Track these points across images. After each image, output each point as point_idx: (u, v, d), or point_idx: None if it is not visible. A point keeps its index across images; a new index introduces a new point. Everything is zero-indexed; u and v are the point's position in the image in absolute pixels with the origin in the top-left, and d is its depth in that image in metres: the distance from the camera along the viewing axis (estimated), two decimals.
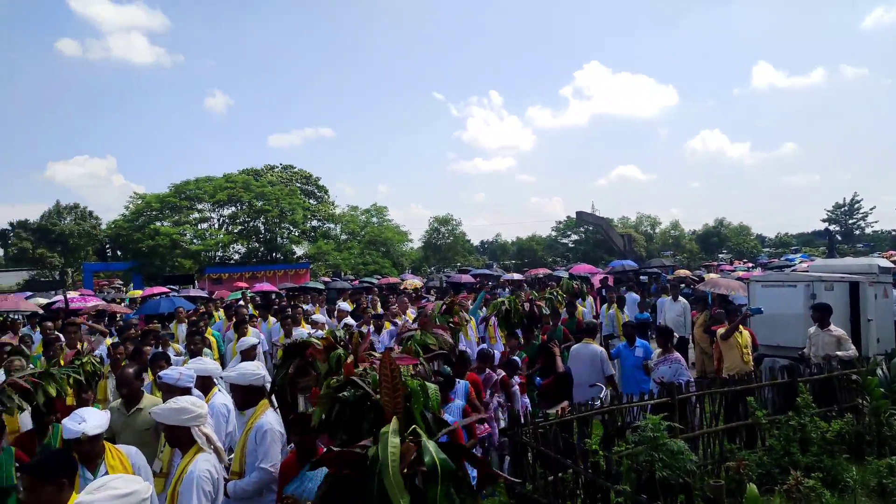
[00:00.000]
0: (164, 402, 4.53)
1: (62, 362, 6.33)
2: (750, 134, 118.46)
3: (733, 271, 27.89)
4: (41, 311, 15.56)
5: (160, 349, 7.49)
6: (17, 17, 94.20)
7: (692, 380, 7.38)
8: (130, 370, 5.01)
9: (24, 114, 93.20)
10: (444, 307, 5.32)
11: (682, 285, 17.07)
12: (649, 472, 4.08)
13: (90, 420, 3.45)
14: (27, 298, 18.71)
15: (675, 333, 9.95)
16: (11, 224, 43.40)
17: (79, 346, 7.24)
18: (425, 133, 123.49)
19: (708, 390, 6.98)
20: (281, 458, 4.08)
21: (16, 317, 13.36)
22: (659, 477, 4.23)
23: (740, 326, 8.43)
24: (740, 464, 5.95)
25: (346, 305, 14.55)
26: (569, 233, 63.50)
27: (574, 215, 59.50)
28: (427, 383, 2.52)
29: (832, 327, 8.14)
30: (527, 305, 7.85)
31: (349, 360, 3.29)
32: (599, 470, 4.53)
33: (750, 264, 39.72)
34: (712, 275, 21.66)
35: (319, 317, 10.92)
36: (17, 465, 4.22)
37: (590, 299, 12.80)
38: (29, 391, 4.80)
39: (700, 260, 54.98)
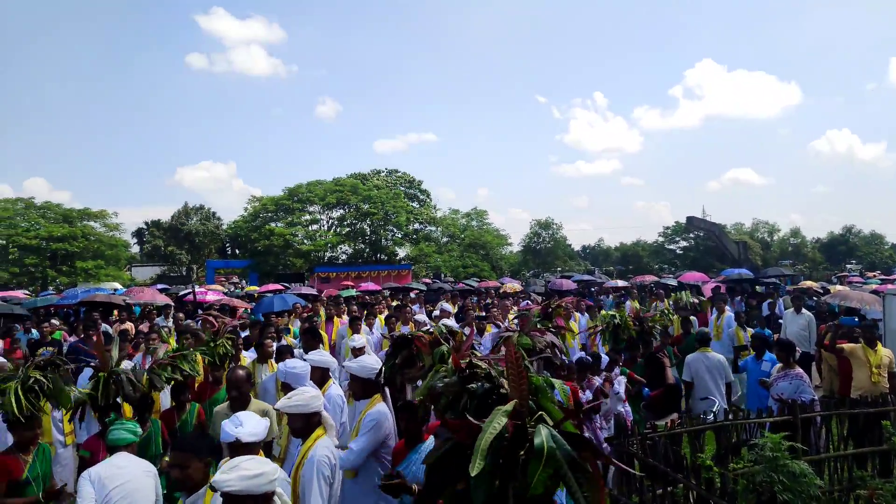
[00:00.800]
0: (284, 393, 4.87)
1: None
2: (886, 133, 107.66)
3: (864, 283, 25.45)
4: (172, 303, 17.08)
5: (280, 342, 8.00)
6: (154, 35, 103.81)
7: (816, 398, 6.87)
8: (242, 372, 5.21)
9: (157, 123, 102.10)
10: (545, 312, 5.28)
11: (806, 297, 15.82)
12: (770, 494, 3.85)
13: (247, 426, 3.48)
14: (161, 291, 20.51)
15: (797, 349, 9.27)
16: (146, 223, 47.83)
17: (216, 325, 7.87)
18: (527, 136, 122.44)
19: (836, 410, 6.47)
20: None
21: (152, 308, 14.69)
22: (780, 500, 3.98)
23: (878, 343, 7.74)
24: (873, 493, 5.45)
25: (448, 306, 14.79)
26: (677, 239, 60.62)
27: (682, 220, 57.04)
28: (552, 379, 2.56)
29: None
30: (636, 323, 7.57)
31: (455, 354, 3.41)
32: (713, 487, 4.33)
33: (882, 276, 35.84)
34: (839, 287, 19.94)
35: (422, 317, 11.18)
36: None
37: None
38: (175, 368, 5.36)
39: (823, 270, 50.67)
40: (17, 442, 4.33)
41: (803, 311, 11.51)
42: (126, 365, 5.19)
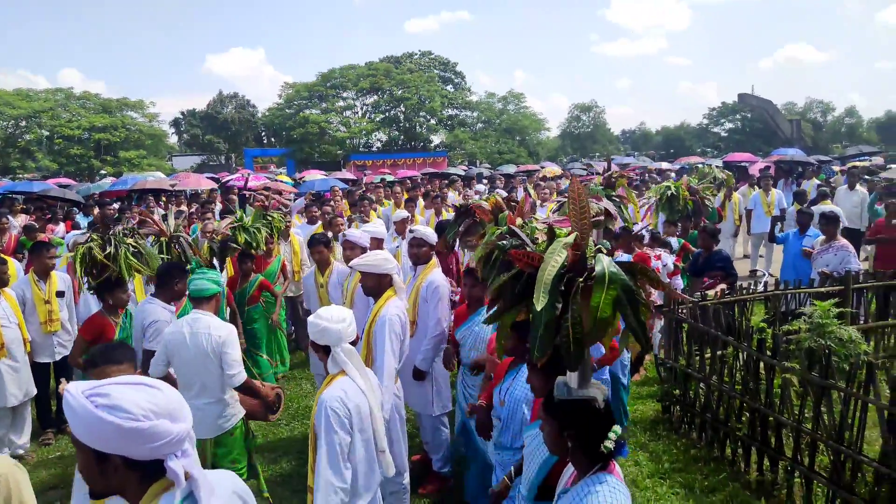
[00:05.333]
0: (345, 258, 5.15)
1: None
2: None
3: None
4: (216, 188, 17.53)
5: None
6: None
7: (861, 269, 6.81)
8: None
9: (184, 10, 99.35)
10: (607, 181, 5.23)
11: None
12: (826, 352, 3.96)
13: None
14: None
15: (843, 223, 8.99)
16: (182, 113, 47.76)
17: (268, 203, 8.19)
18: (566, 12, 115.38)
19: (888, 281, 6.45)
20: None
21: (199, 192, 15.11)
22: (834, 360, 4.08)
23: None
24: None
25: (482, 187, 14.93)
26: (722, 121, 57.98)
27: (730, 101, 54.23)
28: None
29: None
30: (692, 194, 7.48)
31: (510, 215, 3.49)
32: (764, 347, 4.46)
33: None
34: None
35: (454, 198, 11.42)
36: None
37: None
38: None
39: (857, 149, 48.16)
40: (109, 305, 4.60)
41: (857, 187, 11.18)
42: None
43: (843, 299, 6.06)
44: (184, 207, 12.37)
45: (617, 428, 2.05)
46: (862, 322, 6.31)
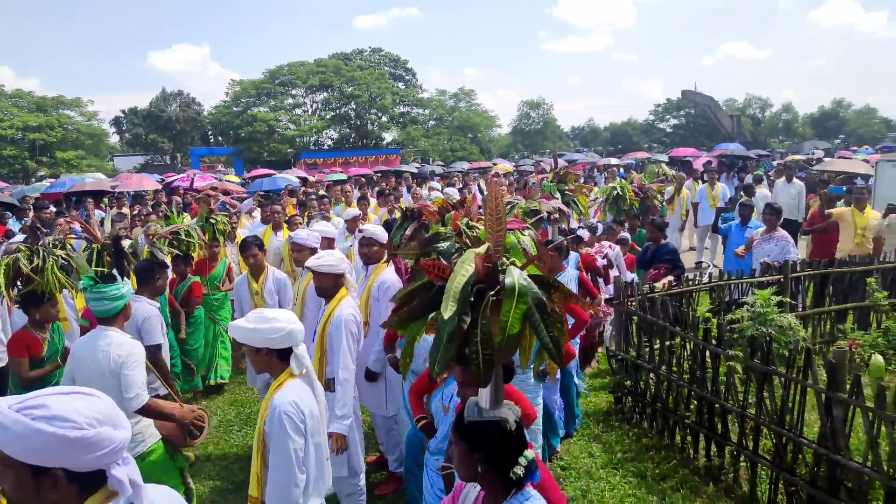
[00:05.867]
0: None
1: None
2: (888, 1, 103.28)
3: (851, 158, 25.40)
4: (160, 188, 16.98)
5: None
6: None
7: (799, 259, 7.11)
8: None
9: (124, 3, 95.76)
10: (558, 177, 5.29)
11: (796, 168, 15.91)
12: (767, 339, 4.10)
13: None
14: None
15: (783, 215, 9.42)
16: (124, 112, 46.05)
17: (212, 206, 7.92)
18: (515, 9, 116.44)
19: (823, 270, 6.75)
20: None
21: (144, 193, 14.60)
22: (775, 347, 4.24)
23: (867, 207, 7.91)
24: (852, 343, 5.82)
25: (437, 184, 14.89)
26: (667, 117, 59.73)
27: (674, 98, 55.85)
28: (525, 233, 2.57)
29: None
30: (638, 192, 7.65)
31: (455, 215, 3.40)
32: (710, 336, 4.60)
33: (869, 149, 35.62)
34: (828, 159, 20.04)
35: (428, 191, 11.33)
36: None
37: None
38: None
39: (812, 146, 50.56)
40: (36, 320, 4.33)
41: (794, 180, 11.67)
42: (126, 243, 5.20)
43: (782, 288, 6.31)
44: (125, 210, 11.92)
45: (528, 453, 1.99)
46: (800, 310, 6.58)
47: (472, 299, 1.95)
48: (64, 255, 4.43)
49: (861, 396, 3.49)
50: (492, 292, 1.96)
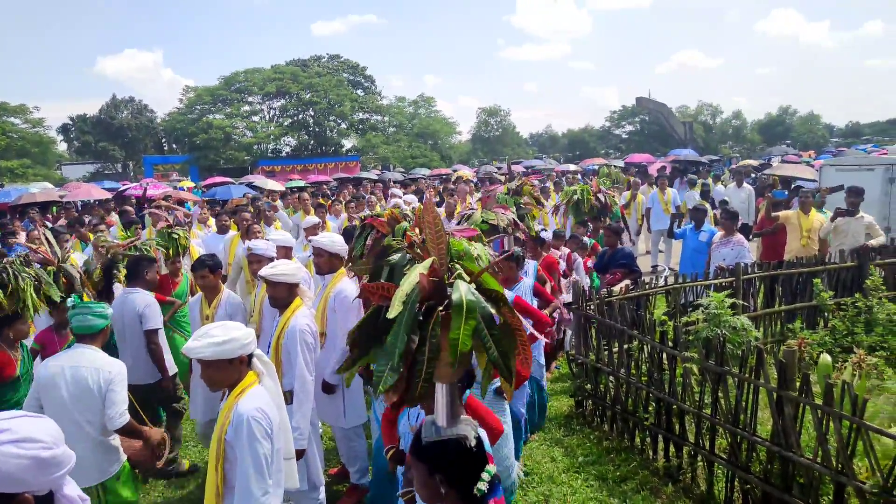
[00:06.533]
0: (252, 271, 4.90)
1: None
2: (829, 11, 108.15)
3: (797, 164, 26.40)
4: (111, 198, 16.42)
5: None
6: None
7: (754, 262, 7.33)
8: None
9: (72, 8, 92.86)
10: (513, 190, 5.31)
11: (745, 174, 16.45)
12: (720, 341, 4.19)
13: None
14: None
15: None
16: (72, 119, 44.55)
17: (170, 220, 7.64)
18: (473, 17, 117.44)
19: (773, 272, 6.96)
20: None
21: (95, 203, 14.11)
22: (729, 348, 4.35)
23: (812, 210, 8.20)
24: (801, 342, 6.01)
25: (398, 191, 14.85)
26: (623, 123, 61.06)
27: (629, 105, 57.09)
28: (474, 243, 2.55)
29: (862, 214, 7.79)
30: (598, 196, 7.82)
31: (410, 228, 3.36)
32: (666, 339, 4.68)
33: (814, 154, 37.04)
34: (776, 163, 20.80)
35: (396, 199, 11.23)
36: None
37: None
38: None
39: (761, 152, 52.41)
40: (9, 339, 4.16)
41: (744, 185, 12.05)
42: (78, 256, 5.01)
43: (734, 290, 6.48)
44: (62, 221, 11.46)
45: (490, 468, 1.94)
46: (752, 310, 6.77)
47: (420, 318, 1.90)
48: (34, 273, 4.24)
49: (810, 394, 3.59)
50: (441, 308, 1.91)
